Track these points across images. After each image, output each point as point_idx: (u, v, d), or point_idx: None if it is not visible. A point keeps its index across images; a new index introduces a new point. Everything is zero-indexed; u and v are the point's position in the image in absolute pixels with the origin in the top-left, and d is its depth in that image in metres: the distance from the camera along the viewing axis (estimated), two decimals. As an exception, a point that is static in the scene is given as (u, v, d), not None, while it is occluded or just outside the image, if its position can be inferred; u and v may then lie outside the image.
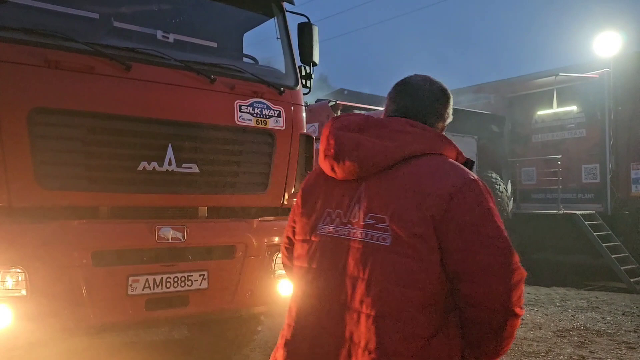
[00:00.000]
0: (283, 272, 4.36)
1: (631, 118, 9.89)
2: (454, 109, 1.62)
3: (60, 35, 3.21)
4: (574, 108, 10.81)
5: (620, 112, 10.11)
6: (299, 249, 1.60)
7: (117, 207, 3.45)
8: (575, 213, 9.66)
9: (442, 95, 1.59)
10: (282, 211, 4.23)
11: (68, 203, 3.23)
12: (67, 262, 3.11)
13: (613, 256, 9.11)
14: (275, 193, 4.10)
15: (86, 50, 3.26)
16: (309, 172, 4.32)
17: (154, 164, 3.49)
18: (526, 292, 8.53)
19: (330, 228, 1.51)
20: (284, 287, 4.03)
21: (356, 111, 10.49)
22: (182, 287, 3.55)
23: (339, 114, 10.06)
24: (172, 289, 3.51)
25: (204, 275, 3.64)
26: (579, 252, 10.48)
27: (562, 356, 4.96)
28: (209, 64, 3.80)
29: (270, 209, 4.14)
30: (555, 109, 10.57)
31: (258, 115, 4.00)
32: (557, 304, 7.58)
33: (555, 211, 10.00)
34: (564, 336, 5.70)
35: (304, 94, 4.49)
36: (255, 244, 3.89)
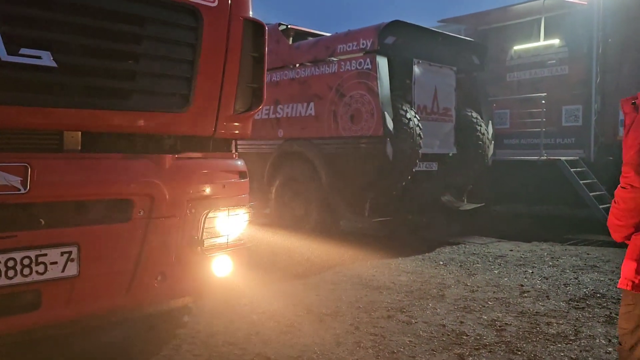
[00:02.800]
0: (217, 240, 2.75)
1: (622, 51, 8.72)
2: (432, 30, 0.15)
3: None
4: (556, 41, 9.56)
5: (610, 45, 8.93)
6: None
7: None
8: (559, 159, 8.55)
9: None
10: (216, 144, 2.62)
11: None
12: None
13: (600, 207, 8.13)
14: (201, 113, 2.49)
15: None
16: (258, 81, 2.73)
17: (-43, 44, 1.80)
18: (508, 249, 7.40)
19: None
20: (220, 266, 2.49)
21: (309, 37, 8.87)
22: (26, 276, 1.94)
23: (291, 40, 8.47)
24: (4, 281, 1.89)
25: (70, 253, 2.03)
26: (556, 202, 9.51)
27: (596, 340, 3.76)
28: None
29: (195, 140, 2.54)
30: (542, 42, 9.27)
31: (170, -23, 2.32)
32: (549, 263, 6.47)
33: (536, 157, 8.86)
34: (582, 308, 4.52)
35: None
36: (167, 196, 2.30)
